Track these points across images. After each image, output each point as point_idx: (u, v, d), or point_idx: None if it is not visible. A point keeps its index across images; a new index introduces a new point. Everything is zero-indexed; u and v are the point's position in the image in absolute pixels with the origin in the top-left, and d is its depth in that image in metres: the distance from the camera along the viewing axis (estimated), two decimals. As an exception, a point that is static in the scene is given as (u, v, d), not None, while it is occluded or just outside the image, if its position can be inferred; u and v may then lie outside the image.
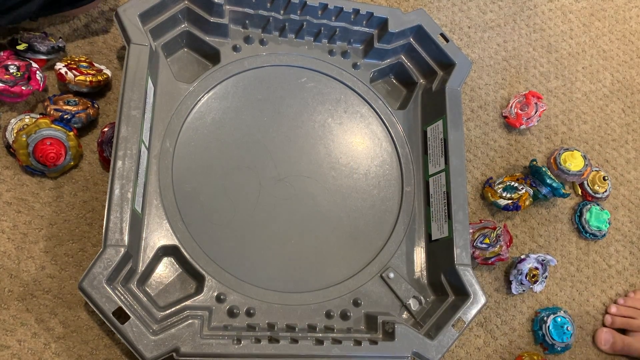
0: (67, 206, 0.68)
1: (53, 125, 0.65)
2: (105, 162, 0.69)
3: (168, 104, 0.70)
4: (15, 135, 0.65)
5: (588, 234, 0.87)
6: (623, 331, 0.83)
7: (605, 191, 0.89)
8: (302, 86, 0.77)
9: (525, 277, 0.78)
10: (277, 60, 0.76)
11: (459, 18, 0.95)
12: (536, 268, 0.79)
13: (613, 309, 0.83)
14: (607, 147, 0.95)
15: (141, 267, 0.62)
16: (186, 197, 0.67)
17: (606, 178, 0.89)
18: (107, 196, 0.58)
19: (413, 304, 0.70)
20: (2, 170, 0.67)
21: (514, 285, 0.79)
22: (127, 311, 0.55)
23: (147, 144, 0.65)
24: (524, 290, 0.80)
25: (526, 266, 0.78)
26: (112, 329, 0.55)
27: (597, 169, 0.90)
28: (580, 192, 0.90)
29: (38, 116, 0.68)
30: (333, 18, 0.76)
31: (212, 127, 0.71)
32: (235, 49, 0.75)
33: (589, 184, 0.89)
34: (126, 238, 0.57)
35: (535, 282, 0.79)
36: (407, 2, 0.92)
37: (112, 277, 0.57)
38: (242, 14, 0.74)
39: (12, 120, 0.67)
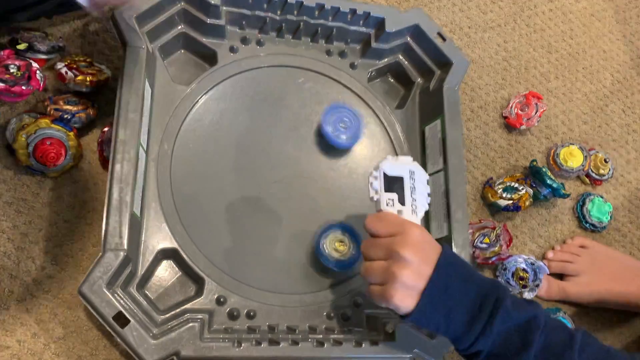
0: (67, 206, 0.68)
1: (53, 125, 0.65)
2: (105, 162, 0.69)
3: (166, 106, 0.69)
4: (15, 135, 0.65)
5: (588, 224, 0.87)
6: (561, 277, 0.83)
7: (609, 170, 0.90)
8: (300, 87, 0.77)
9: (513, 278, 0.78)
10: (275, 61, 0.76)
11: (459, 18, 0.95)
12: (525, 271, 0.79)
13: (550, 254, 0.84)
14: (607, 148, 0.95)
15: (141, 271, 0.62)
16: (185, 200, 0.67)
17: (607, 159, 0.90)
18: (106, 200, 0.58)
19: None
20: (2, 170, 0.67)
21: None
22: (127, 315, 0.55)
23: (145, 147, 0.65)
24: None
25: (512, 264, 0.78)
26: (113, 334, 0.55)
27: (595, 152, 0.91)
28: (588, 181, 0.90)
29: (38, 116, 0.67)
30: (330, 18, 0.76)
31: (210, 128, 0.71)
32: (232, 50, 0.74)
33: (593, 170, 0.89)
34: (125, 242, 0.57)
35: (524, 286, 0.79)
36: (407, 2, 0.92)
37: (112, 282, 0.57)
38: (239, 14, 0.74)
39: (12, 120, 0.67)
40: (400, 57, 0.81)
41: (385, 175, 0.58)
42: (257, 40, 0.76)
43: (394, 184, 0.58)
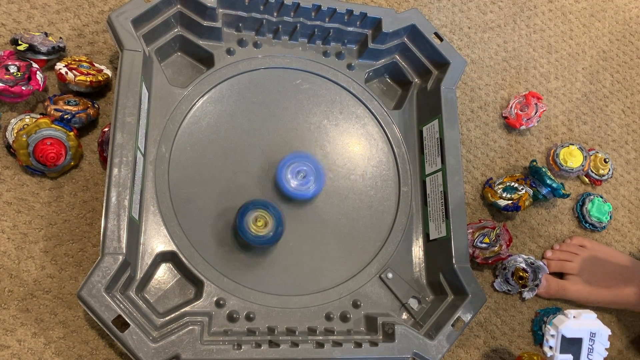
0: (67, 206, 0.68)
1: (53, 125, 0.65)
2: (106, 162, 0.69)
3: (163, 109, 0.69)
4: (15, 135, 0.65)
5: (588, 224, 0.87)
6: (560, 276, 0.83)
7: (609, 171, 0.90)
8: (297, 88, 0.77)
9: (512, 277, 0.78)
10: (272, 62, 0.76)
11: (459, 18, 0.95)
12: (524, 270, 0.79)
13: (549, 253, 0.84)
14: (607, 148, 0.95)
15: (140, 274, 0.62)
16: (183, 203, 0.67)
17: (607, 160, 0.90)
18: (104, 204, 0.58)
19: (412, 304, 0.71)
20: (2, 170, 0.67)
21: (497, 282, 0.79)
22: (126, 319, 0.55)
23: (142, 150, 0.65)
24: (509, 290, 0.79)
25: (512, 263, 0.78)
26: (113, 338, 0.55)
27: (595, 152, 0.91)
28: (588, 181, 0.90)
29: (38, 116, 0.68)
30: (327, 19, 0.76)
31: (208, 131, 0.71)
32: (229, 52, 0.74)
33: (593, 170, 0.90)
34: (124, 246, 0.57)
35: (523, 286, 0.79)
36: (407, 3, 0.92)
37: (111, 285, 0.57)
38: (235, 17, 0.73)
39: (13, 120, 0.67)
40: (397, 57, 0.81)
41: (563, 336, 0.58)
42: (253, 42, 0.76)
43: (572, 344, 0.58)
